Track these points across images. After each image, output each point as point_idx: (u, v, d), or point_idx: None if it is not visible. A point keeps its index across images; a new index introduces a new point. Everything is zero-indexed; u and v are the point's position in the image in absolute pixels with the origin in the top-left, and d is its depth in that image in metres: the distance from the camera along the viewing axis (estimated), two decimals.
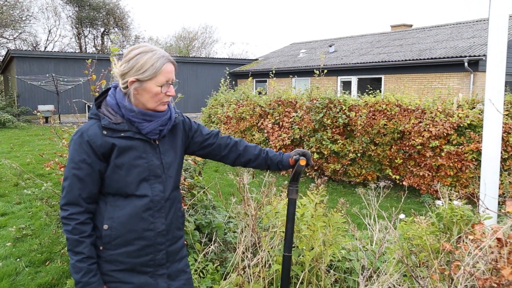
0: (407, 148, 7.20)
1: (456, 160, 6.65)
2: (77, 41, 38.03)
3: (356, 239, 3.26)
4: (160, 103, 1.80)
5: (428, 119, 6.84)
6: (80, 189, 1.72)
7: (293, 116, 8.76)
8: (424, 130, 6.84)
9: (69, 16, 37.09)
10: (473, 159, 6.49)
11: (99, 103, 1.85)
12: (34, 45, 35.57)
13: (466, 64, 14.22)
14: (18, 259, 4.31)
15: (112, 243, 1.76)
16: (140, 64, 1.74)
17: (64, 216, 1.72)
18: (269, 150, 2.18)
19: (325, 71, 11.80)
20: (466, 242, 2.31)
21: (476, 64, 14.31)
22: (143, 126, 1.79)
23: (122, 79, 1.78)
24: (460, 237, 2.46)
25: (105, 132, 1.74)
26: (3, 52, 29.04)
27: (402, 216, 3.19)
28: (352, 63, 18.58)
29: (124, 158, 1.75)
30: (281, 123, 9.16)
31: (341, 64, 19.05)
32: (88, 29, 37.52)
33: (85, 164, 1.72)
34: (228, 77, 14.14)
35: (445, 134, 6.69)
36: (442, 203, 2.84)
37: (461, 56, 14.47)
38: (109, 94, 1.84)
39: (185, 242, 2.16)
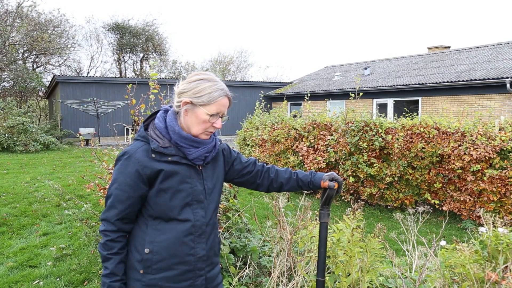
0: (447, 172, 6.99)
1: (499, 184, 6.39)
2: (118, 66, 39.57)
3: (395, 265, 3.17)
4: (205, 132, 1.82)
5: (469, 142, 6.63)
6: (119, 209, 1.76)
7: (328, 139, 8.70)
8: (465, 153, 6.63)
9: (111, 43, 38.73)
10: None
11: (146, 125, 1.87)
12: (78, 71, 37.20)
13: (508, 85, 13.80)
14: (58, 279, 4.42)
15: (153, 267, 1.77)
16: (199, 89, 1.78)
17: (100, 230, 1.81)
18: (299, 171, 2.17)
19: (361, 93, 11.74)
20: None
21: None
22: (190, 152, 1.80)
23: (178, 97, 1.82)
24: (506, 266, 2.35)
25: (153, 155, 1.76)
26: (49, 78, 30.46)
27: (443, 242, 3.08)
28: (388, 86, 18.37)
29: (170, 182, 1.77)
30: (316, 146, 9.10)
31: (377, 86, 18.87)
32: (128, 54, 39.00)
33: (127, 187, 1.75)
34: (263, 100, 14.29)
35: (487, 158, 6.46)
36: (485, 230, 2.72)
37: (502, 78, 14.06)
38: (158, 117, 1.86)
39: (220, 265, 2.16)
